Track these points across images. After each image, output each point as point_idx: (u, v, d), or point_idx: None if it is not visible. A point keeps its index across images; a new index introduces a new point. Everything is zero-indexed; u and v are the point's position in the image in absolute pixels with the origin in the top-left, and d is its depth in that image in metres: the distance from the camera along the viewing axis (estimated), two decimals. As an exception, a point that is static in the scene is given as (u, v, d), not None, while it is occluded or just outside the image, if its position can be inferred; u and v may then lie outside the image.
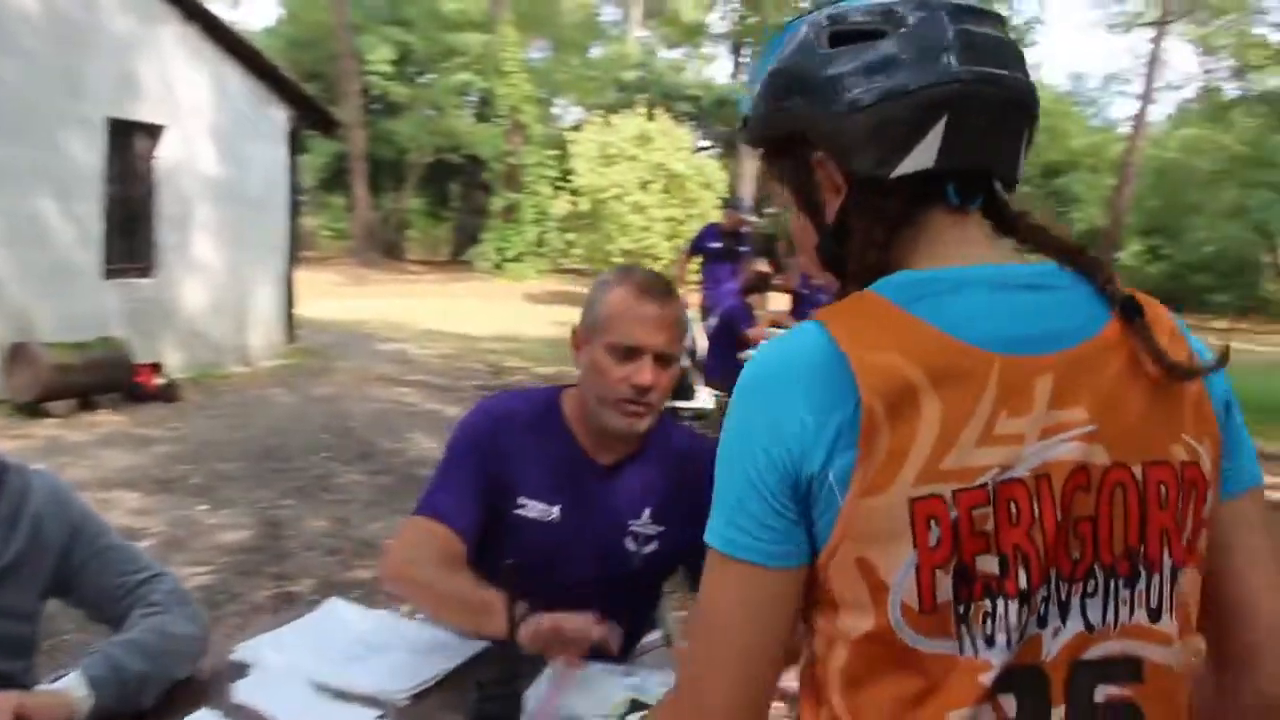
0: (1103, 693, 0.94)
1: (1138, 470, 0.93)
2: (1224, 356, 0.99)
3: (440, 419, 8.34)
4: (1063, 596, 0.92)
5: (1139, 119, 26.06)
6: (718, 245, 10.14)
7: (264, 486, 6.14)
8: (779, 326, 8.52)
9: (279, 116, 11.32)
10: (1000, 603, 0.90)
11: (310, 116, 11.97)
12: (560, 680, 1.71)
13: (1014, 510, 0.89)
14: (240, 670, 1.72)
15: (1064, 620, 0.93)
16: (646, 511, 2.02)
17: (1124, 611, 0.94)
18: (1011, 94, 0.97)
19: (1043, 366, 0.91)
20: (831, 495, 0.89)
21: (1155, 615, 0.95)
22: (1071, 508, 0.91)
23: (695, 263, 10.62)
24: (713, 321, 7.89)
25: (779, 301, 8.99)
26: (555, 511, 1.99)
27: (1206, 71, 30.98)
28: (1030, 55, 1.21)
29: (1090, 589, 0.93)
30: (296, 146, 11.84)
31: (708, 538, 0.96)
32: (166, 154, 9.82)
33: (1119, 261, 24.39)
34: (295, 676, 1.70)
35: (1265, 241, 25.98)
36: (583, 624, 1.70)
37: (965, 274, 0.96)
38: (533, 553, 1.92)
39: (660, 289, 1.93)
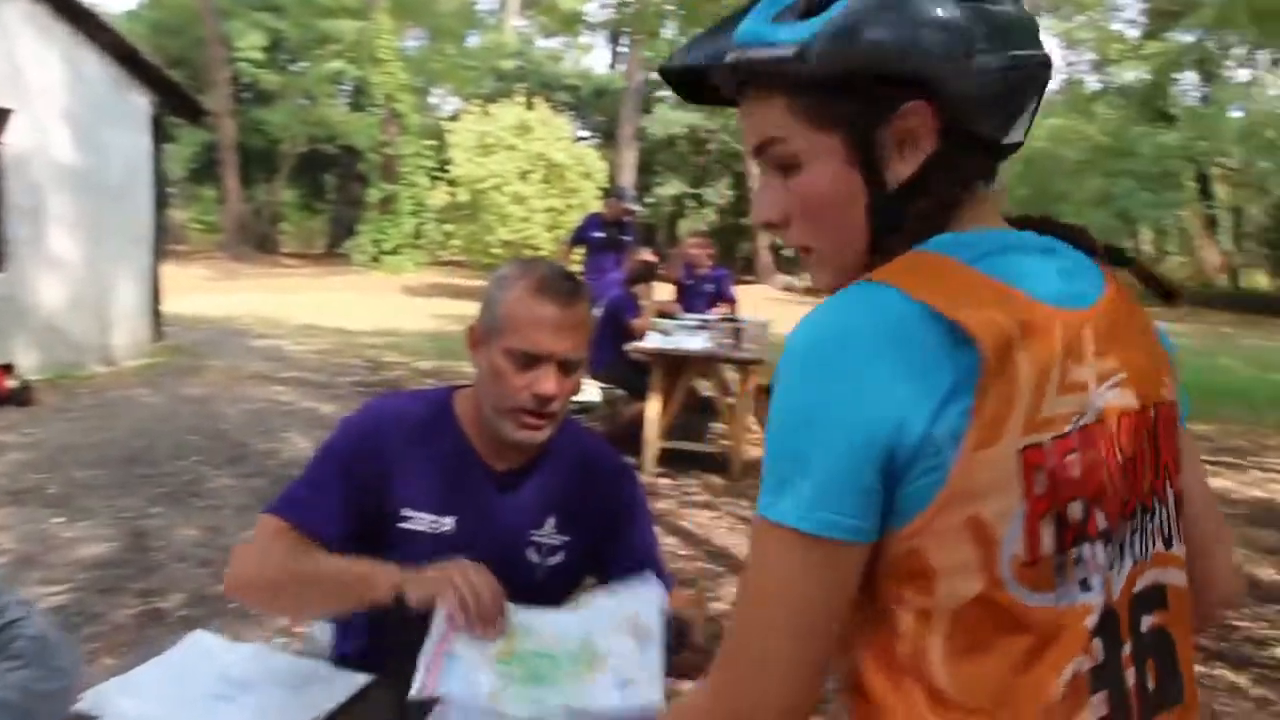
0: (1146, 623, 0.99)
1: (1152, 411, 1.01)
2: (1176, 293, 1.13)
3: (317, 418, 8.03)
4: (1123, 535, 0.97)
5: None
6: (600, 235, 10.05)
7: (128, 494, 5.78)
8: (667, 316, 8.46)
9: (141, 103, 10.76)
10: (1088, 547, 0.93)
11: (175, 104, 11.43)
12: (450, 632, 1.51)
13: (1091, 455, 0.92)
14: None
15: (1122, 558, 0.97)
16: (550, 521, 1.88)
17: (1151, 542, 1.01)
18: None
19: (1084, 319, 0.96)
20: (936, 457, 0.87)
21: (1169, 542, 1.03)
22: (1125, 449, 0.96)
23: (578, 253, 10.46)
24: (597, 313, 7.73)
25: (662, 291, 8.92)
26: (448, 523, 1.82)
27: (1069, 65, 32.10)
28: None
29: (1134, 525, 0.99)
30: (161, 135, 11.31)
31: (776, 516, 0.89)
32: (15, 140, 9.23)
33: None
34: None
35: (1128, 228, 26.94)
36: (485, 577, 1.58)
37: (1003, 237, 1.01)
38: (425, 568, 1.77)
39: (565, 288, 1.77)
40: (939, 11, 0.92)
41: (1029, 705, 0.90)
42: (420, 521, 1.81)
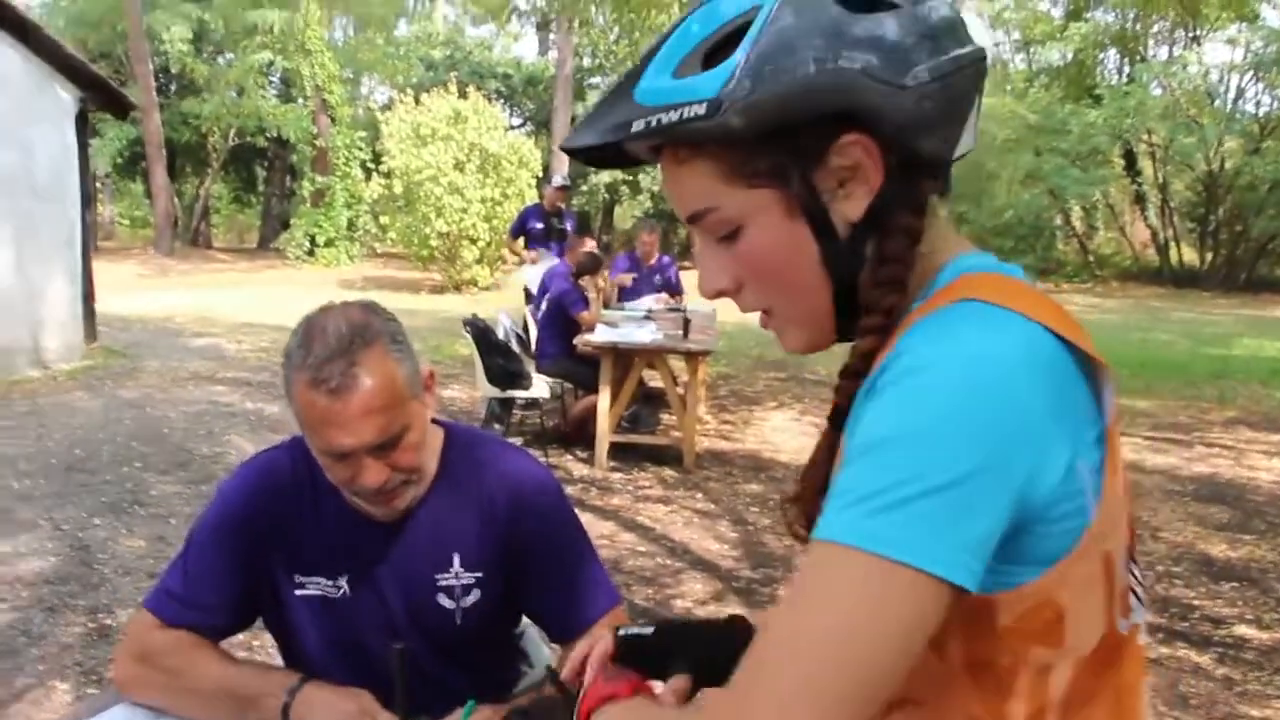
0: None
1: None
2: None
3: (262, 418, 7.91)
4: None
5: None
6: (540, 226, 10.01)
7: (68, 505, 5.64)
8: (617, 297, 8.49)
9: (64, 98, 10.45)
10: (1127, 563, 0.90)
11: (101, 99, 11.13)
12: None
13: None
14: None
15: None
16: (455, 559, 1.71)
17: None
18: None
19: None
20: (1079, 497, 0.81)
21: None
22: None
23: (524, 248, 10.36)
24: (544, 306, 7.67)
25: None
26: (343, 584, 1.69)
27: (996, 44, 32.39)
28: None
29: None
30: (86, 130, 11.01)
31: (882, 547, 0.74)
32: (-67, 141, 8.95)
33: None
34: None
35: (1057, 205, 27.31)
36: (356, 705, 1.53)
37: (1000, 263, 0.93)
38: (337, 635, 1.69)
39: (343, 369, 1.49)
40: (861, 34, 0.83)
41: None
42: (316, 587, 1.70)
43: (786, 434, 8.18)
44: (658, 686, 1.00)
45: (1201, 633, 4.48)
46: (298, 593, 1.71)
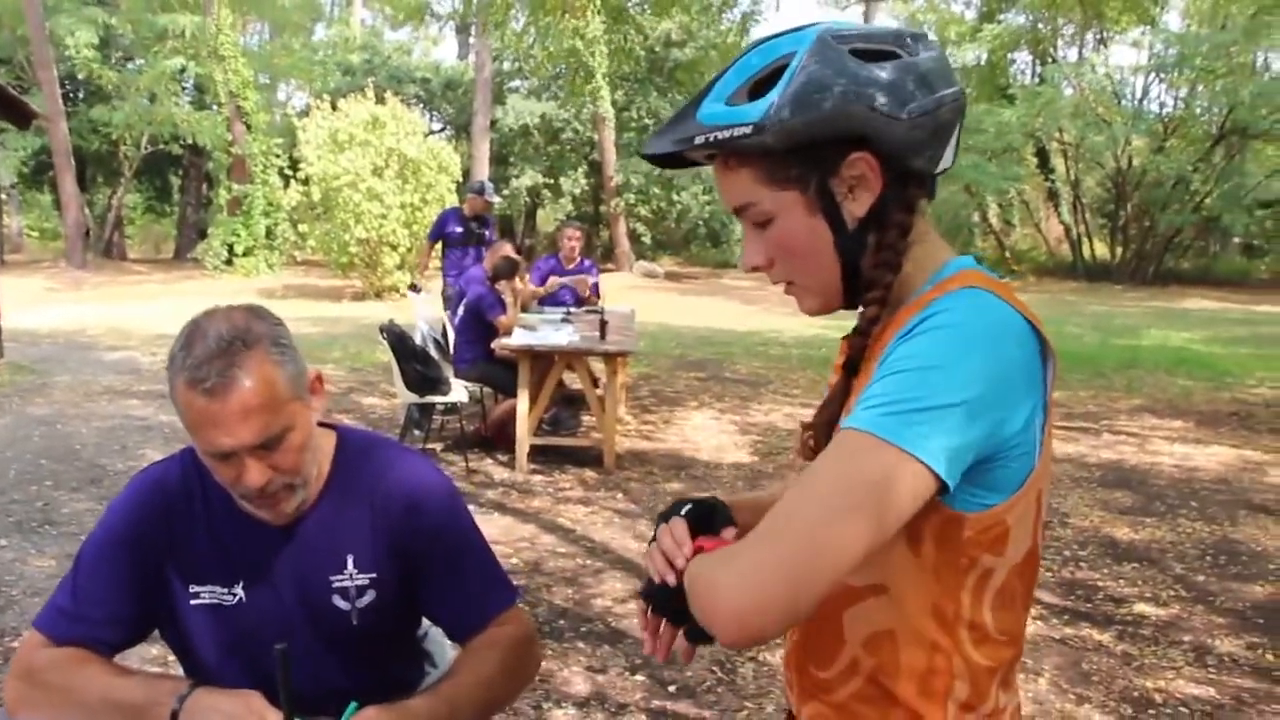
0: None
1: None
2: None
3: (176, 432, 7.77)
4: None
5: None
6: (459, 230, 9.95)
7: (-26, 525, 5.52)
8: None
9: (-35, 110, 10.23)
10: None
11: (2, 109, 10.87)
12: None
13: None
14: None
15: None
16: (349, 560, 1.74)
17: None
18: None
19: None
20: (1030, 444, 1.11)
21: None
22: None
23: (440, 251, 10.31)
24: (460, 310, 7.66)
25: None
26: (238, 592, 1.71)
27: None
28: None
29: None
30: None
31: (913, 448, 1.01)
32: None
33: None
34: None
35: (975, 201, 27.86)
36: (244, 705, 1.54)
37: (982, 265, 1.24)
38: (234, 643, 1.70)
39: (221, 369, 1.51)
40: (869, 77, 1.11)
41: (1023, 629, 1.23)
42: (210, 595, 1.71)
43: (707, 432, 8.26)
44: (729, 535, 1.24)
45: (1104, 612, 4.64)
46: (193, 602, 1.71)
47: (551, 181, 29.37)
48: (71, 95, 28.29)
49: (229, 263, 24.18)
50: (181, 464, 1.76)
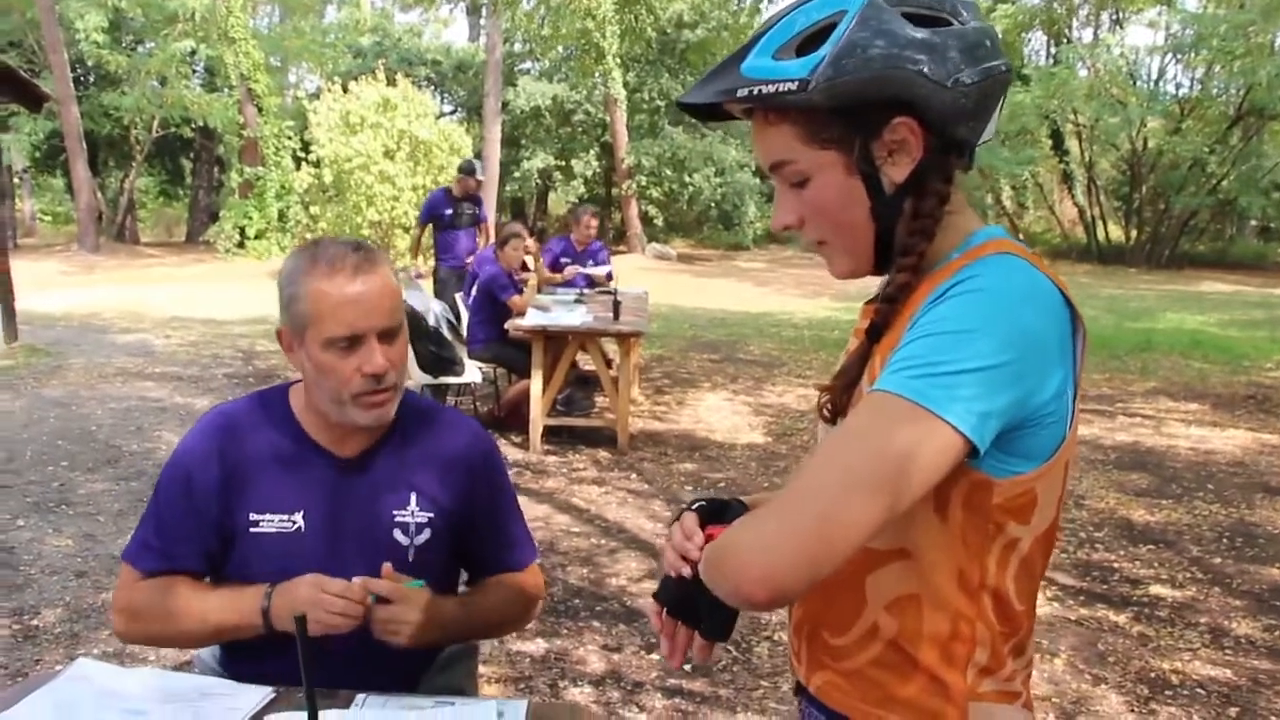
0: None
1: None
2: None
3: (192, 413, 7.79)
4: None
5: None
6: (448, 212, 9.88)
7: (-9, 506, 5.54)
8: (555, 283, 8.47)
9: (-23, 92, 10.22)
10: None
11: (11, 91, 10.84)
12: None
13: None
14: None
15: None
16: (413, 497, 1.84)
17: None
18: None
19: None
20: (1062, 413, 1.10)
21: None
22: None
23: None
24: (473, 291, 7.65)
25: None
26: (299, 519, 1.79)
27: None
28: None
29: None
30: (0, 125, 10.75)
31: (941, 410, 1.00)
32: None
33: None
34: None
35: (988, 184, 27.70)
36: (341, 584, 1.66)
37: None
38: (287, 569, 1.74)
39: (360, 260, 1.72)
40: (917, 42, 1.09)
41: (1035, 601, 1.24)
42: (270, 523, 1.79)
43: (720, 413, 8.24)
44: None
45: (1120, 593, 4.62)
46: (253, 530, 1.79)
47: (563, 164, 29.29)
48: (82, 79, 28.27)
49: (241, 245, 24.16)
50: (249, 401, 1.90)
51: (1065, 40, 29.49)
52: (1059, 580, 4.73)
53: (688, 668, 3.79)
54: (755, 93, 1.12)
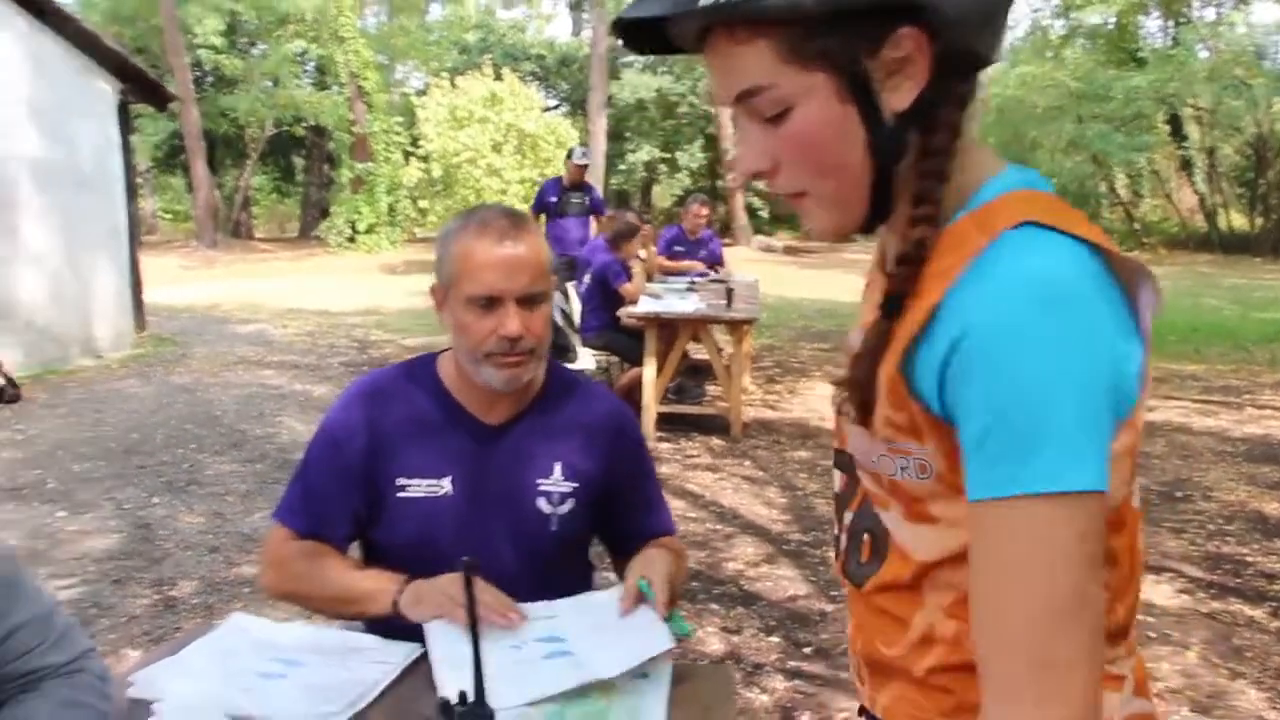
0: None
1: None
2: None
3: (310, 399, 7.99)
4: None
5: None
6: (554, 200, 9.92)
7: (128, 485, 5.74)
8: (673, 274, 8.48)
9: (106, 91, 10.57)
10: None
11: (141, 91, 11.22)
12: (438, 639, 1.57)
13: None
14: (143, 710, 1.45)
15: None
16: (557, 467, 1.84)
17: None
18: None
19: None
20: (1133, 393, 0.89)
21: None
22: None
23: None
24: (586, 279, 7.67)
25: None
26: (446, 484, 1.80)
27: (1034, 10, 31.93)
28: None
29: None
30: (127, 123, 11.12)
31: (1063, 485, 0.82)
32: (-18, 136, 9.07)
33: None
34: (210, 708, 1.44)
35: (1102, 171, 26.94)
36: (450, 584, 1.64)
37: (1036, 177, 0.99)
38: (432, 534, 1.77)
39: (507, 226, 1.75)
40: None
41: (1132, 590, 1.02)
42: (418, 488, 1.80)
43: (832, 403, 8.14)
44: None
45: (1256, 588, 4.43)
46: (399, 495, 1.81)
47: (668, 156, 29.33)
48: (200, 81, 29.17)
49: (351, 240, 24.67)
50: (396, 369, 1.94)
51: (1184, 20, 28.51)
52: (1188, 573, 4.56)
53: (808, 650, 3.75)
54: (725, 0, 0.87)
